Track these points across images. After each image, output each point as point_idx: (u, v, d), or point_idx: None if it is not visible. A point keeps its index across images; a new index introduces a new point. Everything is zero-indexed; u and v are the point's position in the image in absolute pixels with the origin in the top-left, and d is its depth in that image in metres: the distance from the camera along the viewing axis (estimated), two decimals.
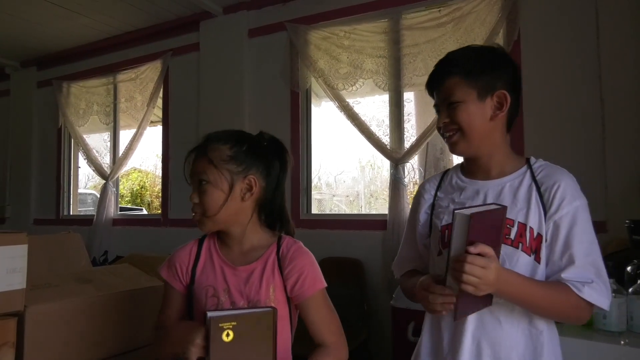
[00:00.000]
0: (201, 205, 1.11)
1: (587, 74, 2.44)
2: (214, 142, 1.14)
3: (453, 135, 1.12)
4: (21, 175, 4.91)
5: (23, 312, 1.29)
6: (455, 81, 1.10)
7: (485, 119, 1.10)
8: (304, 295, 1.11)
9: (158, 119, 4.44)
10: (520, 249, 1.04)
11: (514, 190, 1.10)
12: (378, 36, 3.07)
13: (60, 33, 4.19)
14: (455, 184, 1.20)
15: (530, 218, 1.05)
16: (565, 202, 1.05)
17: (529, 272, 1.03)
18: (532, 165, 1.13)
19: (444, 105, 1.12)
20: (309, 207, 3.39)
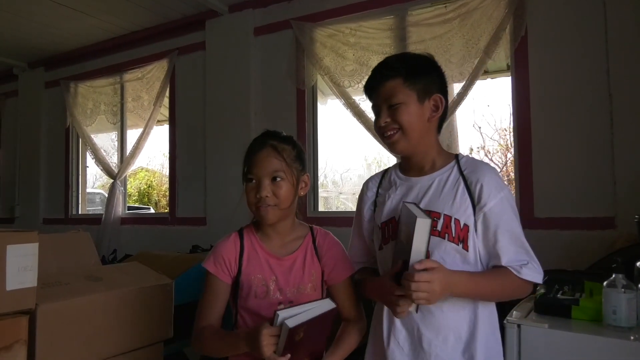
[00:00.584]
0: (276, 198, 1.20)
1: (595, 69, 2.42)
2: (280, 142, 1.25)
3: (394, 134, 1.20)
4: (30, 175, 4.95)
5: (34, 309, 1.30)
6: (397, 83, 1.18)
7: (423, 120, 1.20)
8: (339, 279, 1.28)
9: (165, 118, 4.47)
10: (447, 239, 1.15)
11: (442, 185, 1.20)
12: (384, 33, 3.06)
13: (67, 33, 4.22)
14: (392, 180, 1.31)
15: (456, 210, 1.16)
16: (491, 195, 1.14)
17: (458, 259, 1.15)
18: (460, 161, 1.23)
19: (385, 106, 1.20)
20: (316, 204, 3.39)
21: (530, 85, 2.58)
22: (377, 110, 1.24)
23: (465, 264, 1.15)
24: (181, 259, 2.53)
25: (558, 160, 2.49)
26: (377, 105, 1.23)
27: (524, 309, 1.60)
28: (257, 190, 1.20)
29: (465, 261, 1.15)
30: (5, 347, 1.21)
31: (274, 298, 1.22)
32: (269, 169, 1.20)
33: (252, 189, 1.21)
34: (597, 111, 2.40)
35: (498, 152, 6.81)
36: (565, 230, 2.43)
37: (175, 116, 4.03)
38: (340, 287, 1.29)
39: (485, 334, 1.17)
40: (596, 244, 2.24)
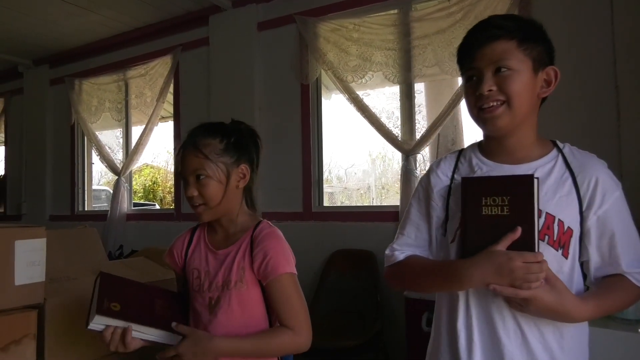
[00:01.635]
0: (202, 197, 1.16)
1: (602, 60, 2.40)
2: (203, 137, 1.19)
3: (497, 107, 0.98)
4: (36, 172, 4.98)
5: (43, 304, 1.31)
6: (509, 46, 0.97)
7: (534, 94, 1.01)
8: (267, 277, 1.15)
9: (169, 114, 4.47)
10: (546, 242, 0.95)
11: (545, 177, 1.00)
12: (387, 29, 3.04)
13: (71, 30, 4.23)
14: (476, 166, 1.08)
15: (561, 210, 0.97)
16: (607, 195, 0.98)
17: (554, 267, 0.93)
18: (563, 150, 1.05)
19: (490, 70, 0.98)
20: (321, 199, 3.39)
21: None
22: (476, 75, 1.00)
23: (559, 274, 0.94)
24: None
25: None
26: (479, 68, 1.00)
27: None
28: (186, 190, 1.18)
29: (560, 271, 0.95)
30: (15, 341, 1.22)
31: (205, 292, 1.20)
32: (191, 167, 1.16)
33: (186, 189, 1.19)
34: (603, 102, 2.39)
35: None
36: None
37: (179, 112, 4.04)
38: (272, 285, 1.15)
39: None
40: None
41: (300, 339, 1.14)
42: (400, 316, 2.50)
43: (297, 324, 1.14)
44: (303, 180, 3.34)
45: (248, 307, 1.17)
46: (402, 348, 2.56)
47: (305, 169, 3.35)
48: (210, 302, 1.17)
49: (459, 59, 1.07)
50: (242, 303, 1.16)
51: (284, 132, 3.42)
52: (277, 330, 1.15)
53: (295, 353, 1.18)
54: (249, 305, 1.17)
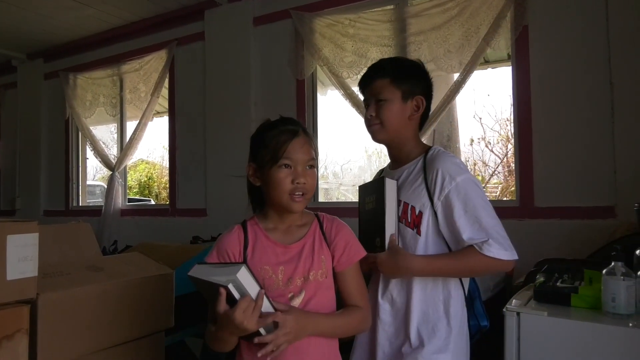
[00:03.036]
0: (310, 186, 1.19)
1: (597, 57, 2.40)
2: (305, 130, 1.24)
3: (375, 125, 1.38)
4: (30, 167, 4.96)
5: (36, 299, 1.31)
6: (385, 83, 1.36)
7: (404, 117, 1.37)
8: (349, 263, 1.23)
9: (164, 109, 4.46)
10: (404, 223, 1.33)
11: (408, 175, 1.36)
12: (383, 24, 3.04)
13: (65, 24, 4.20)
14: (384, 173, 1.48)
15: (413, 198, 1.31)
16: (445, 182, 1.26)
17: (413, 242, 1.31)
18: (427, 153, 1.35)
19: (373, 101, 1.38)
20: (316, 195, 3.39)
21: (531, 75, 2.57)
22: (367, 104, 1.41)
23: (415, 248, 1.30)
24: (182, 249, 2.54)
25: (558, 150, 2.49)
26: (367, 99, 1.41)
27: (524, 297, 1.61)
28: (295, 177, 1.16)
29: (415, 245, 1.31)
30: (7, 336, 1.22)
31: (283, 288, 1.17)
32: (308, 156, 1.18)
33: (289, 175, 1.16)
34: (598, 100, 2.39)
35: (499, 143, 6.79)
36: (565, 219, 2.43)
37: (174, 107, 4.02)
38: (349, 272, 1.24)
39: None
40: (596, 232, 2.24)
41: (369, 317, 1.27)
42: None
43: (367, 303, 1.27)
44: None
45: (327, 295, 1.21)
46: None
47: None
48: (291, 298, 1.16)
49: (359, 89, 1.47)
50: (324, 292, 1.20)
51: None
52: (356, 310, 1.23)
53: (365, 330, 1.32)
54: (327, 294, 1.22)
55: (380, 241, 1.29)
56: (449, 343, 1.28)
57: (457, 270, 1.29)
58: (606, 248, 1.94)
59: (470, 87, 2.75)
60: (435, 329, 1.29)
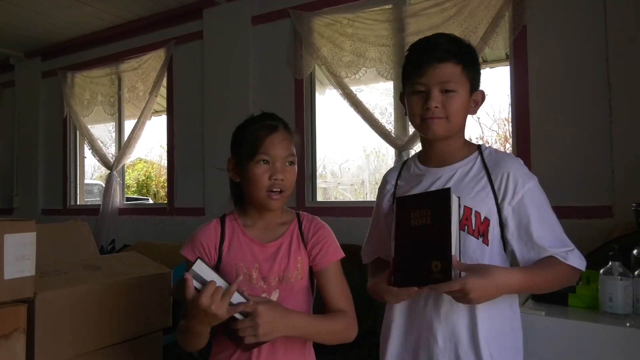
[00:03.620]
0: (288, 183, 1.17)
1: (595, 57, 2.41)
2: (287, 126, 1.22)
3: (439, 119, 1.14)
4: (28, 166, 4.94)
5: (33, 298, 1.30)
6: (456, 70, 1.13)
7: (466, 112, 1.18)
8: (326, 262, 1.20)
9: (163, 108, 4.45)
10: (466, 231, 1.11)
11: (464, 176, 1.16)
12: (382, 24, 3.03)
13: (63, 23, 4.19)
14: (413, 172, 1.27)
15: (477, 203, 1.12)
16: (519, 187, 1.11)
17: (478, 253, 1.11)
18: (483, 152, 1.19)
19: (437, 89, 1.13)
20: (314, 194, 3.39)
21: (529, 75, 2.57)
22: (424, 90, 1.14)
23: (486, 261, 1.10)
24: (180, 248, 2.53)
25: (556, 150, 2.49)
26: (427, 85, 1.14)
27: (521, 297, 1.61)
28: (272, 173, 1.14)
29: (482, 256, 1.11)
30: (5, 336, 1.22)
31: (257, 287, 1.14)
32: (287, 152, 1.16)
33: (266, 171, 1.15)
34: (596, 100, 2.40)
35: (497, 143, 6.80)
36: (563, 218, 2.40)
37: (173, 106, 4.02)
38: (327, 272, 1.20)
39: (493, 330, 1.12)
40: (594, 232, 2.24)
41: (354, 325, 1.19)
42: None
43: (351, 308, 1.20)
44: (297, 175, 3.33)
45: (301, 297, 1.19)
46: None
47: (298, 164, 3.33)
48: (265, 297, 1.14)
49: (407, 71, 1.20)
50: (299, 293, 1.18)
51: None
52: (340, 314, 1.17)
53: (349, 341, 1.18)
54: (302, 295, 1.19)
55: (442, 265, 1.01)
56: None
57: (547, 282, 1.11)
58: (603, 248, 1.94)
59: None
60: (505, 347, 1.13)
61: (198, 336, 1.07)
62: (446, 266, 1.00)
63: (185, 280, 1.00)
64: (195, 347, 1.12)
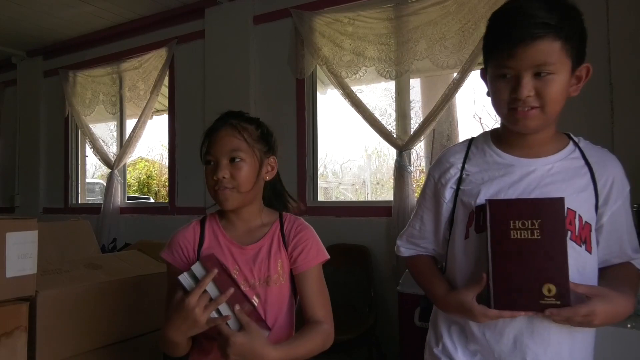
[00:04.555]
0: (234, 180, 1.12)
1: (597, 57, 2.40)
2: (241, 120, 1.18)
3: (531, 110, 0.94)
4: (30, 165, 4.95)
5: (34, 296, 1.31)
6: (554, 47, 0.89)
7: (566, 94, 0.97)
8: (307, 266, 1.15)
9: (164, 107, 4.45)
10: (569, 237, 0.93)
11: (563, 172, 0.99)
12: (382, 22, 3.03)
13: (65, 22, 4.19)
14: (491, 159, 1.06)
15: (580, 205, 0.96)
16: (620, 191, 1.01)
17: (579, 263, 0.94)
18: (579, 144, 1.04)
19: (530, 73, 0.91)
20: (315, 194, 3.39)
21: None
22: (513, 74, 0.93)
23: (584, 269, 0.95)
24: None
25: None
26: (517, 69, 0.92)
27: None
28: (215, 172, 1.11)
29: (584, 266, 0.96)
30: (6, 334, 1.22)
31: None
32: (227, 147, 1.12)
33: (210, 171, 1.13)
34: (597, 100, 2.39)
35: None
36: None
37: (174, 105, 4.02)
38: (305, 276, 1.15)
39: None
40: None
41: (331, 335, 1.14)
42: (394, 310, 2.51)
43: (328, 315, 1.15)
44: (298, 175, 3.34)
45: (282, 301, 1.15)
46: (394, 342, 2.58)
47: (300, 163, 3.35)
48: None
49: (489, 48, 0.98)
50: (279, 297, 1.14)
51: (279, 126, 3.39)
52: (316, 328, 1.11)
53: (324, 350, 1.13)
54: (283, 299, 1.15)
55: (557, 290, 0.88)
56: None
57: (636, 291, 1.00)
58: None
59: (470, 87, 2.75)
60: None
61: (175, 346, 1.05)
62: (564, 292, 0.88)
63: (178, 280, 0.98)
64: (175, 354, 1.09)
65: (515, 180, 1.00)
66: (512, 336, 0.97)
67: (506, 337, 0.97)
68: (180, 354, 1.09)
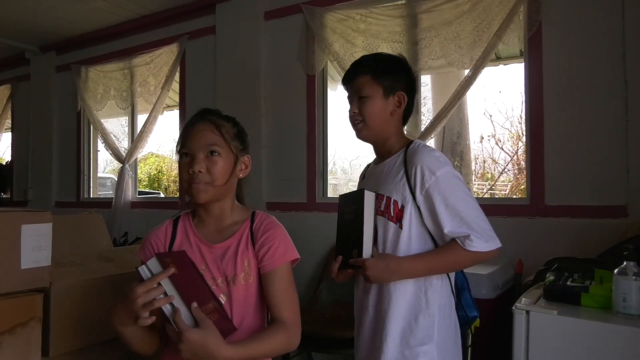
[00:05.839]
0: (209, 174, 1.13)
1: (611, 54, 2.37)
2: (218, 117, 1.20)
3: (359, 123, 1.38)
4: (43, 159, 5.01)
5: (49, 288, 1.33)
6: (366, 79, 1.36)
7: (386, 112, 1.37)
8: (273, 265, 1.14)
9: (175, 103, 4.47)
10: (387, 217, 1.33)
11: (390, 169, 1.37)
12: (394, 20, 3.01)
13: (77, 17, 4.23)
14: (369, 170, 1.54)
15: (395, 192, 1.32)
16: (426, 177, 1.27)
17: (396, 236, 1.31)
18: (408, 147, 1.36)
19: (355, 98, 1.38)
20: (325, 190, 3.39)
21: (544, 72, 2.54)
22: (350, 100, 1.41)
23: (402, 243, 1.30)
24: None
25: (570, 148, 2.46)
26: (350, 96, 1.41)
27: (533, 295, 1.60)
28: (191, 166, 1.12)
29: (398, 239, 1.31)
30: (21, 324, 1.24)
31: None
32: (204, 142, 1.14)
33: (186, 164, 1.14)
34: (611, 97, 2.37)
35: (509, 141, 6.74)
36: (576, 218, 2.41)
37: (185, 101, 4.04)
38: (275, 274, 1.14)
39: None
40: (608, 232, 2.22)
41: (295, 336, 1.13)
42: None
43: (293, 316, 1.14)
44: (308, 171, 3.34)
45: (250, 300, 1.15)
46: None
47: (309, 159, 3.35)
48: None
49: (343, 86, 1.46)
50: (246, 297, 1.14)
51: (290, 122, 3.42)
52: (278, 329, 1.10)
53: (291, 350, 1.14)
54: (251, 299, 1.15)
55: (358, 253, 1.29)
56: (433, 333, 1.28)
57: (444, 266, 1.30)
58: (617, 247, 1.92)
59: (481, 84, 2.72)
60: (417, 321, 1.30)
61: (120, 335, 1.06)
62: (360, 252, 1.29)
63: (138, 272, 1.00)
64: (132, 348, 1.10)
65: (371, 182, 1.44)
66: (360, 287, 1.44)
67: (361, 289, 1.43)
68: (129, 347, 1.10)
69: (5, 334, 1.20)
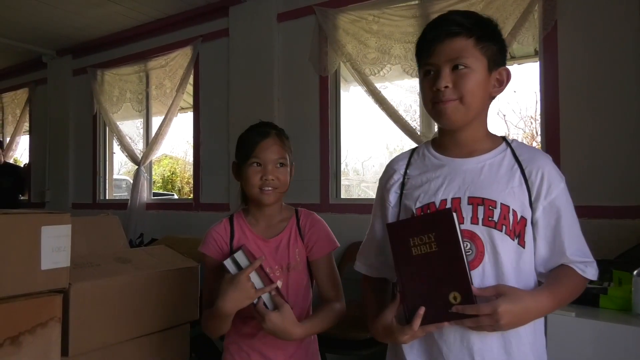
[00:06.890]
0: (278, 182, 1.33)
1: (628, 53, 2.34)
2: (280, 132, 1.39)
3: (451, 102, 1.00)
4: (59, 161, 5.09)
5: (68, 289, 1.35)
6: (467, 44, 0.99)
7: (487, 93, 1.04)
8: (321, 253, 1.36)
9: (189, 105, 4.51)
10: (504, 232, 0.98)
11: (496, 169, 1.04)
12: (407, 21, 3.01)
13: (93, 21, 4.29)
14: (429, 161, 1.12)
15: (512, 199, 1.00)
16: (553, 186, 1.02)
17: (513, 257, 0.99)
18: (511, 144, 1.09)
19: (447, 67, 1.00)
20: (338, 191, 3.39)
21: (559, 70, 2.51)
22: (434, 70, 1.02)
23: (519, 264, 1.00)
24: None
25: (587, 148, 2.43)
26: (436, 64, 1.01)
27: None
28: (263, 174, 1.31)
29: (519, 260, 0.99)
30: (41, 324, 1.26)
31: None
32: (276, 156, 1.33)
33: (258, 172, 1.32)
34: (629, 96, 2.33)
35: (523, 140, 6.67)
36: (593, 218, 2.37)
37: (199, 103, 4.07)
38: (320, 262, 1.37)
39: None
40: (626, 232, 2.19)
41: (343, 310, 1.36)
42: None
43: (340, 294, 1.38)
44: (321, 172, 3.34)
45: (301, 283, 1.36)
46: None
47: (323, 160, 3.35)
48: None
49: (417, 53, 1.08)
50: (299, 282, 1.35)
51: (303, 123, 3.43)
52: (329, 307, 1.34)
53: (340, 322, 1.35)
54: (301, 282, 1.36)
55: (462, 296, 0.91)
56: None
57: (566, 299, 1.02)
58: (636, 248, 1.89)
59: None
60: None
61: (223, 320, 1.23)
62: (467, 296, 0.90)
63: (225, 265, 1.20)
64: (219, 332, 1.29)
65: (449, 178, 1.05)
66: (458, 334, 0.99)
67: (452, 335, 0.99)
68: (223, 331, 1.29)
69: (25, 333, 1.22)
